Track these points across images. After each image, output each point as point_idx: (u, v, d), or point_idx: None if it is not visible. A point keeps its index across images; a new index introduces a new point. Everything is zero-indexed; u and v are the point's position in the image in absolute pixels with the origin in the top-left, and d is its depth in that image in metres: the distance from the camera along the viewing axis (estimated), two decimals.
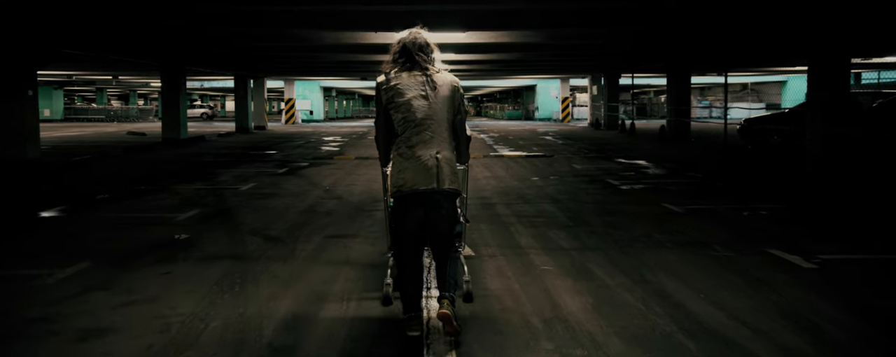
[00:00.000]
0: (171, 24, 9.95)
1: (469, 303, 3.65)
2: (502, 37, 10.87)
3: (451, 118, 3.28)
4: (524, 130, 25.86)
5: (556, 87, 37.56)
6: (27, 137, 10.85)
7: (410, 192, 3.17)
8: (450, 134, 3.29)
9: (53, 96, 35.53)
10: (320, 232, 5.98)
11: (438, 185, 3.16)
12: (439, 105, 3.23)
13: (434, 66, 3.31)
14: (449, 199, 3.24)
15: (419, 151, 3.18)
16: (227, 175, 10.60)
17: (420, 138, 3.20)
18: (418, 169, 3.16)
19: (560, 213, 6.93)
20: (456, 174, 3.26)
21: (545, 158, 13.54)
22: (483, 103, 62.68)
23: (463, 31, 9.66)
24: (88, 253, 5.10)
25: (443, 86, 3.26)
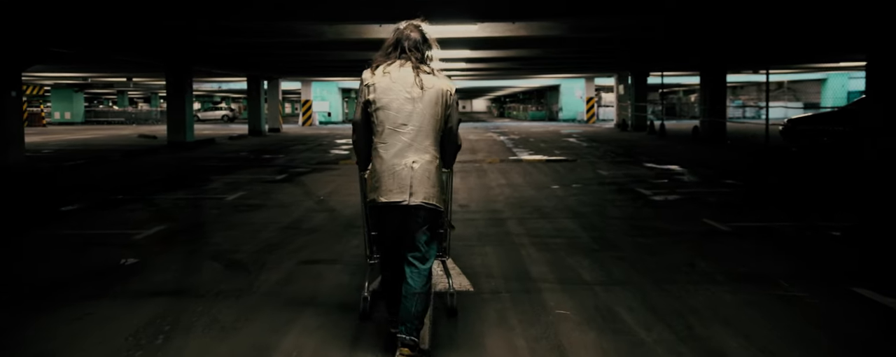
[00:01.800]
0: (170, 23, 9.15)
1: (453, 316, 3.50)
2: (519, 29, 9.85)
3: (437, 124, 2.97)
4: (547, 132, 24.70)
5: (580, 87, 36.27)
6: (10, 142, 10.19)
7: (384, 204, 2.94)
8: (433, 141, 2.97)
9: (74, 99, 35.52)
10: (295, 255, 5.03)
11: (410, 198, 2.90)
12: (424, 109, 2.93)
13: (428, 66, 3.02)
14: (426, 213, 2.94)
15: (394, 159, 2.92)
16: (219, 182, 9.76)
17: (397, 144, 2.93)
18: (391, 178, 2.91)
19: (582, 233, 5.87)
20: (436, 186, 2.95)
21: (567, 163, 12.44)
22: (506, 104, 61.51)
23: (474, 22, 8.66)
24: (7, 285, 4.24)
25: (431, 88, 2.94)
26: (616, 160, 13.06)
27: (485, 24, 9.60)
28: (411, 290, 2.94)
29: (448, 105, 3.03)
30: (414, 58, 3.00)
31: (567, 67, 23.82)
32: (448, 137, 3.12)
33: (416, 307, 2.91)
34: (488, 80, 34.78)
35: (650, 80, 26.24)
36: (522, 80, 34.93)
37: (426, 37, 3.09)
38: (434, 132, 2.98)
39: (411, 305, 2.91)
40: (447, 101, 3.02)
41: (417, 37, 3.04)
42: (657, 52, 16.17)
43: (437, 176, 2.98)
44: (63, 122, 34.85)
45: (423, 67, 3.02)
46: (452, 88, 3.07)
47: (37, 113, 31.16)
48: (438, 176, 3.00)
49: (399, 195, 2.91)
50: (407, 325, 2.89)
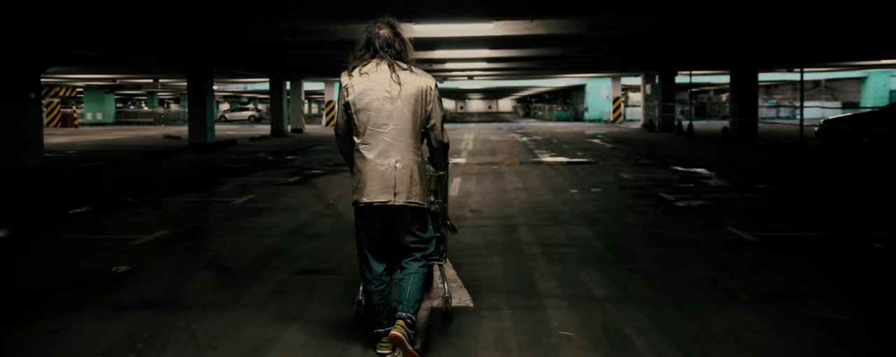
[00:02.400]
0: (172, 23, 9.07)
1: (448, 321, 3.46)
2: (537, 27, 9.51)
3: (417, 122, 2.94)
4: (570, 133, 24.21)
5: (606, 87, 35.60)
6: (28, 143, 10.24)
7: (367, 204, 2.93)
8: (416, 139, 2.95)
9: (105, 100, 36.22)
10: (292, 264, 4.82)
11: (395, 198, 2.89)
12: (403, 107, 2.90)
13: (404, 64, 2.95)
14: (411, 212, 2.96)
15: (377, 159, 2.91)
16: (232, 185, 9.66)
17: (378, 144, 2.91)
18: (375, 179, 2.90)
19: (597, 241, 5.53)
20: (420, 185, 2.95)
21: (589, 165, 12.03)
22: (531, 104, 60.90)
23: (489, 20, 8.36)
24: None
25: (409, 85, 2.90)
26: (639, 162, 12.60)
27: (500, 23, 9.28)
28: (407, 271, 3.01)
29: (428, 102, 2.97)
30: (388, 56, 2.94)
31: (592, 67, 23.28)
32: (432, 135, 3.06)
33: (414, 285, 2.98)
34: (512, 80, 34.35)
35: (679, 79, 25.53)
36: (547, 80, 34.41)
37: (399, 33, 3.01)
38: (416, 130, 2.95)
39: (408, 284, 2.98)
40: (427, 97, 2.96)
41: (388, 34, 2.97)
42: (684, 50, 15.62)
43: (420, 175, 2.96)
44: (95, 123, 35.57)
45: (400, 64, 2.95)
46: (432, 85, 3.00)
47: (69, 114, 31.86)
48: (422, 175, 2.98)
49: (384, 196, 2.90)
50: (404, 302, 2.96)
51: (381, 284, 3.03)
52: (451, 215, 6.80)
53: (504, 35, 10.09)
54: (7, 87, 10.07)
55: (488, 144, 18.34)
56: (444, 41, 11.85)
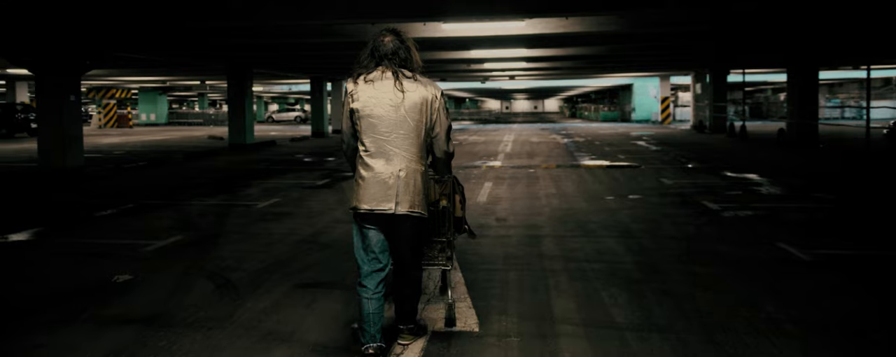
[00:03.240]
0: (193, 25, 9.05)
1: (450, 327, 3.48)
2: (573, 25, 9.03)
3: (421, 131, 2.94)
4: (615, 134, 23.41)
5: (654, 86, 34.43)
6: (68, 144, 10.46)
7: (367, 212, 2.92)
8: (419, 148, 2.94)
9: (158, 101, 37.47)
10: (296, 276, 4.58)
11: (396, 207, 2.89)
12: (407, 115, 2.90)
13: (409, 72, 2.95)
14: (412, 222, 2.97)
15: (379, 167, 2.91)
16: (259, 187, 9.58)
17: (381, 152, 2.90)
18: (377, 187, 2.89)
19: (627, 256, 5.07)
20: (421, 194, 2.95)
21: (630, 170, 11.44)
22: (578, 104, 59.69)
23: (521, 18, 7.97)
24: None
25: (413, 93, 2.91)
26: (685, 167, 11.91)
27: (533, 21, 8.86)
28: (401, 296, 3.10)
29: (433, 110, 2.97)
30: (393, 65, 2.94)
31: (638, 66, 22.41)
32: (435, 144, 3.06)
33: (410, 301, 3.09)
34: (557, 80, 33.60)
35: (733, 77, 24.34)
36: (592, 80, 33.53)
37: (405, 42, 3.00)
38: (419, 138, 2.94)
39: (403, 299, 3.09)
40: (432, 106, 2.96)
41: (393, 42, 2.96)
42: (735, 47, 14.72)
43: (422, 184, 2.97)
44: (148, 124, 36.85)
45: (404, 72, 2.94)
46: (437, 93, 2.99)
47: (124, 115, 33.09)
48: (424, 184, 2.98)
49: (386, 203, 2.89)
50: (402, 317, 3.11)
51: (376, 293, 3.02)
52: (474, 223, 6.48)
53: (539, 33, 9.66)
54: (48, 91, 10.32)
55: (527, 146, 17.86)
56: (479, 40, 11.50)
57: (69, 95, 10.41)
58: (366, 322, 2.99)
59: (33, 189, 9.58)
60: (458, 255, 5.04)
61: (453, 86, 37.68)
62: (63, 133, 10.38)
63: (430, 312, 3.75)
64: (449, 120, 3.06)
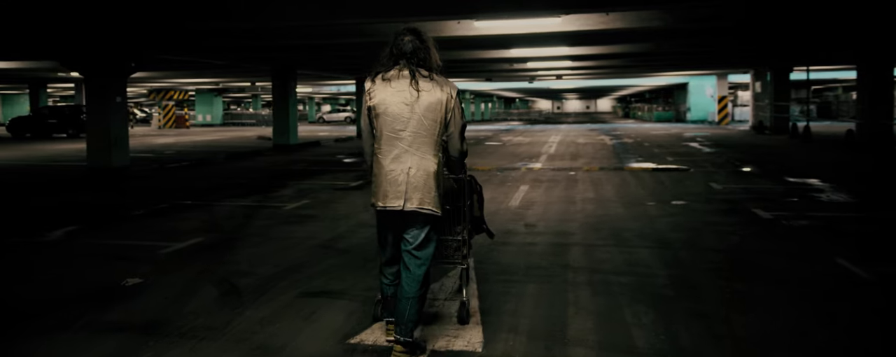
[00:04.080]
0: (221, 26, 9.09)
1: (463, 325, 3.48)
2: (614, 21, 8.56)
3: (436, 129, 2.98)
4: (668, 135, 22.49)
5: (711, 85, 32.99)
6: (113, 144, 10.75)
7: (382, 209, 3.00)
8: (432, 146, 2.98)
9: (214, 103, 38.69)
10: (304, 284, 4.41)
11: (406, 204, 2.94)
12: (421, 114, 2.95)
13: (426, 71, 3.00)
14: (421, 218, 3.00)
15: (391, 165, 2.96)
16: (293, 188, 9.55)
17: (394, 150, 2.96)
18: (388, 184, 2.96)
19: (660, 270, 4.66)
20: (433, 191, 2.97)
21: (677, 173, 10.83)
22: (631, 104, 58.07)
23: (557, 14, 7.58)
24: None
25: (428, 92, 2.96)
26: (738, 170, 11.20)
27: (570, 17, 8.45)
28: (405, 294, 3.01)
29: (448, 109, 3.00)
30: (411, 64, 2.98)
31: (692, 63, 21.38)
32: (449, 143, 3.10)
33: (409, 312, 3.00)
34: (607, 79, 32.68)
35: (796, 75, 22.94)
36: (644, 79, 32.41)
37: (424, 41, 3.04)
38: (433, 137, 2.98)
39: (404, 309, 3.00)
40: (447, 105, 2.99)
41: (411, 42, 3.01)
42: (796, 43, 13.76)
43: (435, 181, 2.98)
44: (204, 124, 38.10)
45: (421, 72, 2.99)
46: (452, 93, 3.02)
47: (182, 116, 34.32)
48: (437, 181, 2.99)
49: (396, 201, 2.94)
50: (400, 326, 3.00)
51: (395, 280, 3.16)
52: (501, 229, 6.18)
53: (578, 30, 9.23)
54: (95, 92, 10.64)
55: (572, 148, 17.33)
56: (517, 38, 11.15)
57: (115, 96, 10.69)
58: (385, 302, 3.25)
59: (77, 188, 9.87)
60: (477, 264, 4.76)
61: (500, 86, 37.25)
62: (109, 133, 10.68)
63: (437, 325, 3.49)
64: (463, 119, 3.11)
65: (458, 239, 3.52)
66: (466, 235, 3.49)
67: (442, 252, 3.55)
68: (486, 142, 20.62)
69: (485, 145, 18.92)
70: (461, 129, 3.08)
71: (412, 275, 3.01)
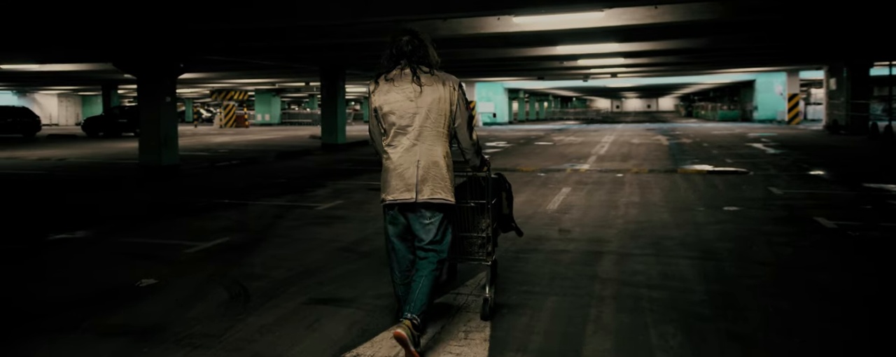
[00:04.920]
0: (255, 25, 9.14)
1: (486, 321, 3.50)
2: (663, 14, 8.02)
3: (441, 121, 3.08)
4: (731, 135, 21.33)
5: (780, 82, 31.16)
6: (162, 143, 11.06)
7: (391, 202, 3.08)
8: (438, 139, 3.08)
9: (271, 103, 39.81)
10: (315, 289, 4.27)
11: (417, 195, 3.02)
12: (426, 109, 3.05)
13: (427, 68, 3.10)
14: (433, 210, 3.09)
15: (400, 159, 3.06)
16: (330, 188, 9.52)
17: (402, 145, 3.06)
18: (398, 177, 3.05)
19: (698, 284, 4.24)
20: (443, 181, 3.06)
21: (735, 176, 10.14)
22: (694, 103, 55.76)
23: (600, 8, 7.17)
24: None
25: (431, 88, 3.07)
26: (805, 174, 10.37)
27: (614, 11, 7.99)
28: (419, 274, 3.08)
29: (451, 103, 3.08)
30: (412, 62, 3.07)
31: (760, 59, 20.13)
32: (459, 135, 3.16)
33: (422, 289, 3.03)
34: (668, 77, 31.41)
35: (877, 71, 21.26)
36: (708, 76, 30.92)
37: (422, 39, 3.12)
38: (438, 130, 3.06)
39: (417, 287, 3.05)
40: (450, 98, 3.08)
41: (410, 43, 3.09)
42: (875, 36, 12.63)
43: (445, 173, 3.06)
44: (263, 124, 39.27)
45: (422, 68, 3.08)
46: (454, 86, 3.10)
47: (242, 115, 35.47)
48: (446, 173, 3.07)
49: (406, 194, 3.02)
50: (411, 304, 3.01)
51: (405, 279, 3.17)
52: (534, 234, 5.87)
53: (624, 25, 8.74)
54: (146, 93, 10.98)
55: (625, 148, 16.66)
56: (563, 35, 10.72)
57: (165, 96, 11.00)
58: (399, 301, 3.22)
59: (123, 185, 10.20)
60: (500, 272, 4.49)
61: (554, 85, 36.50)
62: (159, 132, 10.99)
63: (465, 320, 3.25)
64: (469, 111, 3.19)
65: (482, 236, 3.56)
66: (491, 232, 3.52)
67: (466, 249, 3.61)
68: (536, 141, 20.16)
69: (534, 145, 18.49)
70: (468, 120, 3.16)
71: (429, 261, 3.09)
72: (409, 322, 2.92)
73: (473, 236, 3.58)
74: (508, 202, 3.87)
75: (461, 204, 3.54)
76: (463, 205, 3.56)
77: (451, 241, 3.37)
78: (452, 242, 3.46)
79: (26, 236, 6.27)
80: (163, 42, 10.64)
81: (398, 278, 3.20)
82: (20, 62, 15.30)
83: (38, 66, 16.11)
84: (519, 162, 13.15)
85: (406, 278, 3.16)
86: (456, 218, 3.48)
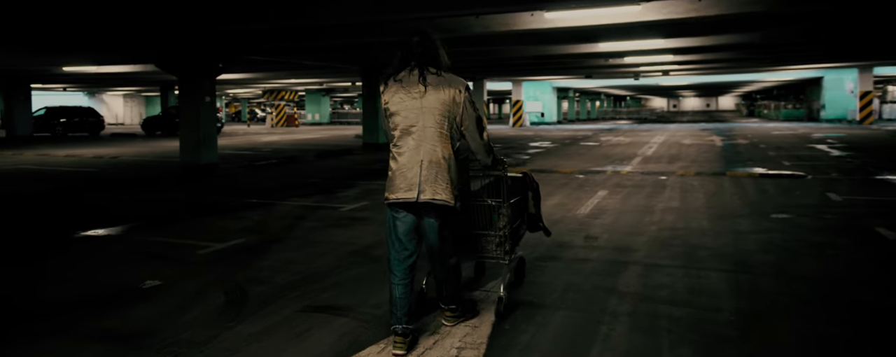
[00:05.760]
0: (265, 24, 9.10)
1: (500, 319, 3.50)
2: (707, 7, 7.43)
3: (445, 123, 3.08)
4: (792, 136, 20.11)
5: (851, 79, 29.20)
6: (202, 143, 11.25)
7: (394, 202, 3.12)
8: (443, 140, 3.08)
9: (321, 102, 40.49)
10: (314, 296, 4.11)
11: (419, 195, 3.04)
12: (431, 109, 3.06)
13: (434, 68, 3.11)
14: (435, 210, 3.12)
15: (404, 159, 3.09)
16: (361, 188, 9.42)
17: (407, 145, 3.09)
18: (402, 177, 3.09)
19: (726, 300, 3.84)
20: (446, 182, 3.06)
21: (790, 180, 9.43)
22: (756, 101, 53.19)
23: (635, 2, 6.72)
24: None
25: (436, 89, 3.07)
26: (870, 178, 9.54)
27: (652, 5, 7.49)
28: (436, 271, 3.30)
29: (457, 104, 3.08)
30: (421, 63, 3.09)
31: (828, 54, 18.75)
32: (468, 137, 3.18)
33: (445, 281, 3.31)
34: (726, 74, 29.95)
35: None
36: (771, 73, 29.28)
37: (432, 41, 3.13)
38: (442, 131, 3.08)
39: (440, 280, 3.33)
40: (455, 99, 3.07)
41: (420, 44, 3.11)
42: None
43: (448, 174, 3.07)
44: (313, 123, 39.99)
45: (430, 69, 3.09)
46: (461, 88, 3.10)
47: (292, 115, 36.23)
48: (450, 173, 3.08)
49: (408, 193, 3.05)
50: (439, 293, 3.37)
51: (403, 280, 3.18)
52: (559, 240, 5.54)
53: (667, 19, 8.20)
54: (186, 93, 11.21)
55: (674, 149, 15.91)
56: (602, 31, 10.25)
57: (204, 96, 11.18)
58: (393, 305, 3.17)
59: (160, 184, 10.39)
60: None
61: (604, 83, 35.51)
62: (198, 132, 11.19)
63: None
64: (477, 112, 3.16)
65: (500, 234, 3.58)
66: (508, 232, 3.57)
67: (484, 247, 3.64)
68: (582, 142, 19.58)
69: (578, 146, 17.95)
70: (476, 122, 3.15)
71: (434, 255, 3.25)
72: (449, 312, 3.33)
73: (491, 235, 3.60)
74: (535, 201, 3.90)
75: (479, 202, 3.61)
76: (480, 203, 3.61)
77: (468, 240, 3.58)
78: (469, 241, 3.62)
79: (51, 234, 6.41)
80: (200, 43, 10.83)
81: (396, 279, 3.18)
82: (79, 64, 16.00)
83: (95, 68, 16.81)
84: (559, 163, 12.72)
85: (403, 279, 3.17)
86: (473, 216, 3.60)
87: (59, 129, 26.54)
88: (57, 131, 26.43)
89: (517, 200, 3.75)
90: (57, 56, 14.25)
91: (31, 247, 5.86)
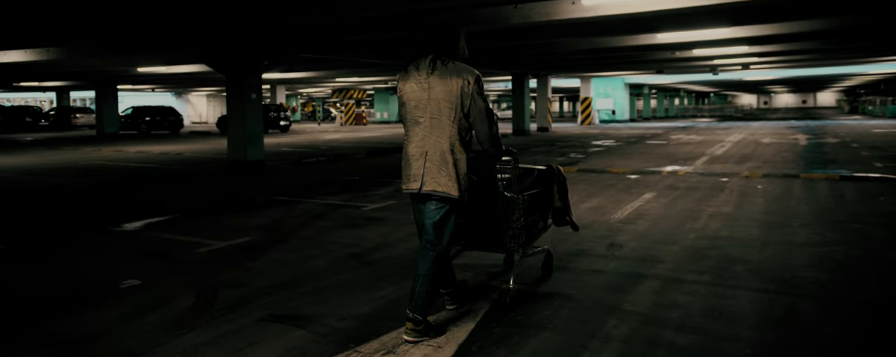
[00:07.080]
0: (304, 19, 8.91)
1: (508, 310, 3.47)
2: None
3: (453, 114, 3.08)
4: (888, 134, 17.97)
5: None
6: (248, 140, 11.36)
7: (406, 191, 3.18)
8: (450, 130, 3.08)
9: (389, 101, 40.83)
10: (282, 304, 3.81)
11: (421, 186, 3.09)
12: (437, 98, 3.08)
13: (447, 58, 3.11)
14: (436, 200, 3.12)
15: (411, 149, 3.15)
16: (393, 187, 9.10)
17: (415, 135, 3.14)
18: (408, 168, 3.15)
19: (749, 329, 3.19)
20: (449, 174, 3.06)
21: (878, 184, 8.28)
22: (860, 97, 48.61)
23: None
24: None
25: (443, 79, 3.07)
26: None
27: None
28: (417, 272, 3.14)
29: (465, 95, 3.07)
30: (436, 53, 3.11)
31: None
32: (476, 128, 3.15)
33: (419, 289, 3.10)
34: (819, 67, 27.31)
35: None
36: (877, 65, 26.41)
37: (450, 32, 3.13)
38: (450, 121, 3.07)
39: (416, 285, 3.12)
40: (462, 90, 3.06)
41: (433, 32, 3.13)
42: None
43: (451, 165, 3.06)
44: (382, 122, 40.42)
45: (442, 59, 3.10)
46: (470, 78, 3.07)
47: (360, 113, 36.77)
48: (454, 164, 3.07)
49: (413, 183, 3.12)
50: (413, 302, 3.11)
51: (422, 275, 3.13)
52: (576, 248, 4.97)
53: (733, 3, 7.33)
54: (233, 91, 11.36)
55: (749, 148, 14.59)
56: (657, 18, 9.38)
57: (250, 94, 11.28)
58: (410, 296, 3.13)
59: (203, 180, 10.53)
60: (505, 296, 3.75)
61: (681, 79, 33.50)
62: (245, 129, 11.32)
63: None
64: (486, 103, 3.14)
65: (515, 226, 3.59)
66: (522, 224, 3.58)
67: (499, 239, 3.62)
68: (648, 140, 18.43)
69: (642, 144, 16.88)
70: (484, 113, 3.11)
71: (426, 256, 3.13)
72: (411, 323, 3.08)
73: (505, 226, 3.60)
74: (561, 195, 3.90)
75: (494, 193, 3.57)
76: (496, 194, 3.57)
77: (483, 229, 3.59)
78: (484, 230, 3.61)
79: (69, 228, 6.50)
80: (245, 40, 10.92)
81: (417, 270, 3.15)
82: (149, 65, 16.76)
83: (165, 68, 17.57)
84: (614, 163, 11.91)
85: (423, 274, 3.13)
86: (488, 207, 3.55)
87: (144, 126, 28.22)
88: (141, 129, 28.12)
89: (536, 193, 3.76)
90: (130, 56, 14.96)
91: (40, 241, 5.94)
